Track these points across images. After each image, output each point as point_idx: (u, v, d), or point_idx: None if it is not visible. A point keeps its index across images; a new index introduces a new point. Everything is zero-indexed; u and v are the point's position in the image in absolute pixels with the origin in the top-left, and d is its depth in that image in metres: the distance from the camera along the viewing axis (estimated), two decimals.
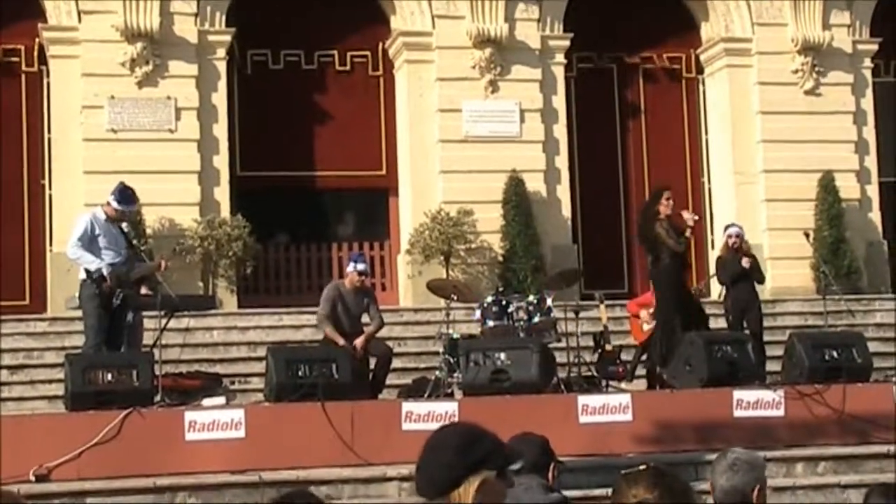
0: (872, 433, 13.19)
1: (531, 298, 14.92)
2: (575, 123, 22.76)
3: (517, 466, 3.88)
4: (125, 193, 13.27)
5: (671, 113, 23.60)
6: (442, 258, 20.80)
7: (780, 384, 13.86)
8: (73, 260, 13.15)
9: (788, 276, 20.99)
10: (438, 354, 14.84)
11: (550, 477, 7.03)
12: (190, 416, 12.23)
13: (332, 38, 22.23)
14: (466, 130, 21.61)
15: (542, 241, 21.31)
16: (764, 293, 16.81)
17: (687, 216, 14.59)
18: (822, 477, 12.55)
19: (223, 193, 20.99)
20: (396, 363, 15.47)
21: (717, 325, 17.20)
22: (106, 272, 12.76)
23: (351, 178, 22.21)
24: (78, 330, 15.03)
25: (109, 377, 12.33)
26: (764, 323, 15.91)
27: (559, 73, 22.35)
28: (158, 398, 12.70)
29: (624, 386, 15.24)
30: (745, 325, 15.57)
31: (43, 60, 21.20)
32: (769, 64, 22.72)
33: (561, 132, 22.22)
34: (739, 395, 13.24)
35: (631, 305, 16.31)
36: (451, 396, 13.69)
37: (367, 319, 14.87)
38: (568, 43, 22.31)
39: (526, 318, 14.55)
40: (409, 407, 12.73)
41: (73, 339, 16.68)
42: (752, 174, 22.53)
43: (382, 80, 22.48)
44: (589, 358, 15.54)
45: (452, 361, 14.03)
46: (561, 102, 22.29)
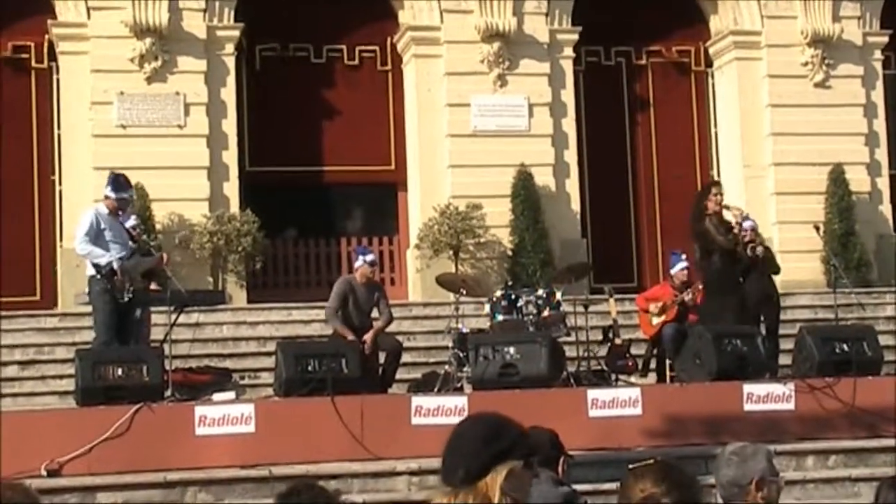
0: (883, 426, 13.16)
1: (540, 293, 14.90)
2: (583, 117, 22.74)
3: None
4: (118, 181, 13.26)
5: (680, 106, 23.57)
6: (451, 253, 20.80)
7: (790, 378, 13.85)
8: (82, 256, 13.08)
9: (798, 269, 20.94)
10: (447, 349, 14.83)
11: (560, 471, 7.03)
12: (200, 410, 12.24)
13: (340, 33, 22.23)
14: (475, 125, 21.60)
15: (550, 235, 21.30)
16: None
17: (728, 215, 14.62)
18: (832, 470, 12.54)
19: (232, 189, 21.01)
20: (406, 358, 15.47)
21: None
22: (116, 266, 12.77)
23: (359, 172, 22.21)
24: (88, 325, 15.04)
25: (119, 372, 12.36)
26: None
27: (568, 66, 22.33)
28: (168, 393, 12.72)
29: (633, 380, 15.23)
30: (762, 318, 15.47)
31: (52, 57, 21.22)
32: (779, 57, 22.68)
33: (570, 126, 22.21)
34: (749, 388, 13.23)
35: (639, 300, 16.29)
36: (460, 391, 13.69)
37: (376, 314, 14.89)
38: (576, 37, 22.28)
39: (535, 312, 14.54)
40: (418, 401, 12.73)
41: (83, 334, 16.69)
42: (761, 167, 22.50)
43: (391, 74, 22.49)
44: (598, 352, 15.52)
45: (462, 356, 14.03)
46: (569, 96, 22.27)
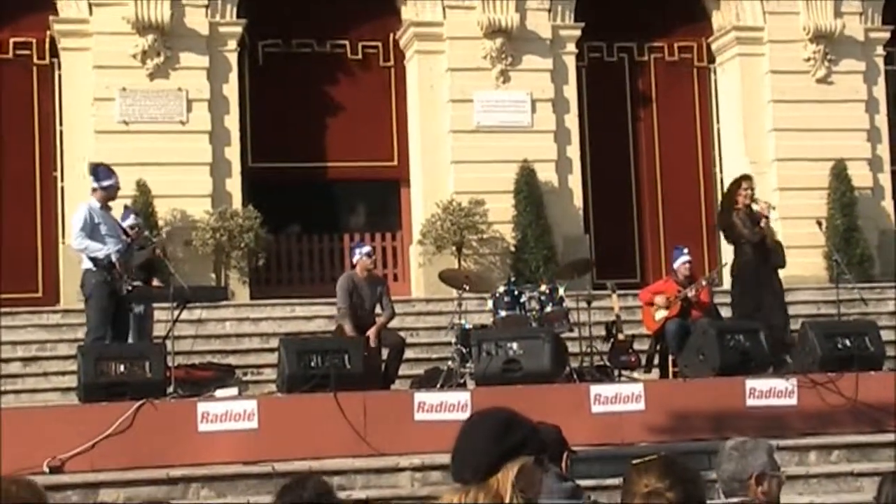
0: (885, 421, 13.15)
1: (543, 288, 14.91)
2: (586, 113, 22.73)
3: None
4: (102, 171, 13.24)
5: (682, 102, 23.55)
6: (454, 249, 20.80)
7: (792, 373, 13.85)
8: (79, 251, 13.07)
9: (801, 264, 20.91)
10: (450, 345, 14.83)
11: (563, 466, 7.05)
12: (203, 407, 12.24)
13: (342, 29, 22.22)
14: (478, 121, 21.59)
15: (553, 231, 21.30)
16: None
17: (756, 207, 14.70)
18: (835, 465, 12.54)
19: (235, 185, 21.01)
20: (408, 353, 15.48)
21: (728, 313, 17.20)
22: (114, 258, 12.77)
23: (362, 168, 22.21)
24: None
25: (122, 369, 12.36)
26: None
27: (570, 62, 22.32)
28: (171, 389, 12.73)
29: (636, 375, 15.24)
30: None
31: (54, 53, 21.22)
32: (781, 52, 22.67)
33: (572, 122, 22.20)
34: (752, 384, 13.23)
35: (644, 294, 16.27)
36: (463, 386, 13.69)
37: (379, 310, 14.89)
38: (579, 33, 22.28)
39: (538, 307, 14.55)
40: (421, 397, 12.73)
41: (85, 331, 16.69)
42: (764, 163, 22.47)
43: (394, 70, 22.48)
44: (601, 347, 15.52)
45: (465, 351, 14.03)
46: (572, 92, 22.26)
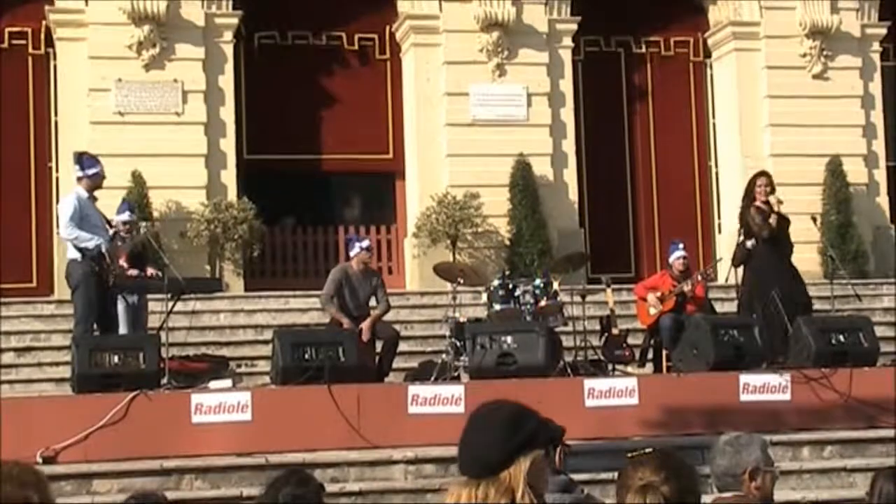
0: (879, 417, 13.17)
1: (538, 282, 14.91)
2: (582, 107, 22.73)
3: None
4: (87, 160, 13.18)
5: (678, 97, 23.55)
6: (448, 242, 20.80)
7: (786, 368, 13.86)
8: (70, 240, 12.93)
9: (795, 260, 20.85)
10: (445, 338, 14.83)
11: (557, 460, 7.04)
12: (196, 398, 12.25)
13: (339, 21, 22.19)
14: (473, 114, 21.59)
15: (548, 225, 21.30)
16: None
17: (772, 199, 14.78)
18: (828, 461, 12.55)
19: (230, 176, 21.00)
20: (403, 346, 15.48)
21: (722, 308, 17.22)
22: (104, 249, 12.74)
23: (358, 161, 22.20)
24: None
25: (116, 360, 12.36)
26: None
27: (566, 56, 22.31)
28: (165, 381, 12.73)
29: (630, 370, 15.25)
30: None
31: (50, 43, 21.19)
32: (777, 48, 22.67)
33: (568, 116, 22.19)
34: (746, 379, 13.24)
35: (638, 289, 16.29)
36: (457, 380, 13.70)
37: (373, 303, 14.89)
38: (575, 27, 22.26)
39: (532, 301, 14.55)
40: (415, 390, 12.74)
41: (74, 322, 16.69)
42: (759, 158, 22.44)
43: (389, 63, 22.46)
44: (595, 342, 15.53)
45: (459, 345, 14.04)
46: (568, 86, 22.26)
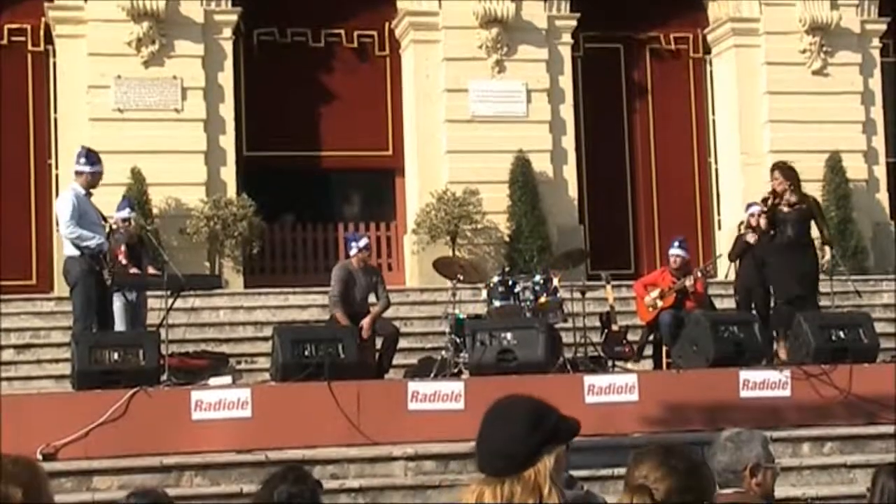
0: (879, 413, 13.19)
1: (537, 279, 14.91)
2: (581, 104, 22.72)
3: None
4: (92, 156, 13.06)
5: (678, 93, 23.54)
6: (448, 238, 20.79)
7: (786, 364, 13.86)
8: (71, 239, 12.72)
9: None
10: (444, 334, 14.84)
11: None
12: (196, 395, 12.25)
13: (338, 18, 22.17)
14: (473, 110, 21.57)
15: (548, 221, 21.29)
16: None
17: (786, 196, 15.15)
18: (828, 457, 12.56)
19: (229, 173, 20.99)
20: (402, 343, 15.48)
21: (722, 305, 17.22)
22: (104, 249, 12.71)
23: (357, 158, 22.18)
24: None
25: (116, 356, 12.36)
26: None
27: (566, 53, 22.29)
28: (165, 377, 12.73)
29: (630, 366, 15.25)
30: (752, 304, 15.55)
31: (49, 40, 21.17)
32: (777, 44, 22.65)
33: (567, 112, 22.18)
34: (746, 375, 13.25)
35: (637, 286, 16.29)
36: (457, 376, 13.70)
37: (373, 299, 14.90)
38: (574, 23, 22.24)
39: (532, 298, 14.54)
40: (415, 387, 12.75)
41: (72, 319, 16.69)
42: (759, 154, 22.46)
43: (389, 60, 22.44)
44: (595, 338, 15.53)
45: (458, 341, 14.04)
46: (567, 82, 22.24)
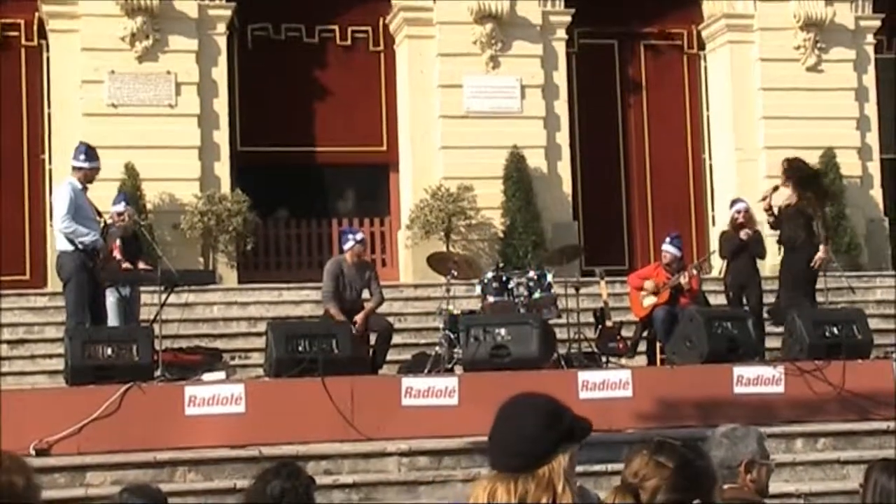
0: (872, 410, 13.20)
1: (531, 274, 14.92)
2: (576, 99, 22.70)
3: None
4: (91, 151, 13.07)
5: (672, 89, 23.54)
6: (442, 234, 20.78)
7: (780, 360, 13.87)
8: (66, 234, 12.66)
9: None
10: (438, 330, 14.83)
11: None
12: (190, 391, 12.24)
13: (332, 13, 22.16)
14: (467, 106, 21.56)
15: (542, 217, 21.28)
16: (764, 269, 16.79)
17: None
18: (821, 453, 12.57)
19: (223, 168, 20.97)
20: (396, 339, 15.47)
21: (716, 301, 17.21)
22: (99, 245, 12.69)
23: (351, 153, 22.17)
24: None
25: (109, 352, 12.35)
26: (764, 299, 15.89)
27: (560, 48, 22.29)
28: (158, 373, 12.71)
29: (624, 362, 15.25)
30: (745, 301, 15.57)
31: (42, 35, 21.14)
32: (771, 40, 22.65)
33: (562, 108, 22.17)
34: (739, 371, 13.26)
35: (632, 278, 16.27)
36: (451, 372, 13.70)
37: (367, 295, 14.88)
38: (569, 19, 22.24)
39: (526, 293, 14.55)
40: (408, 382, 12.75)
41: (66, 315, 16.67)
42: (753, 151, 22.48)
43: (383, 55, 22.42)
44: (589, 334, 15.53)
45: (453, 337, 14.04)
46: (562, 78, 22.23)
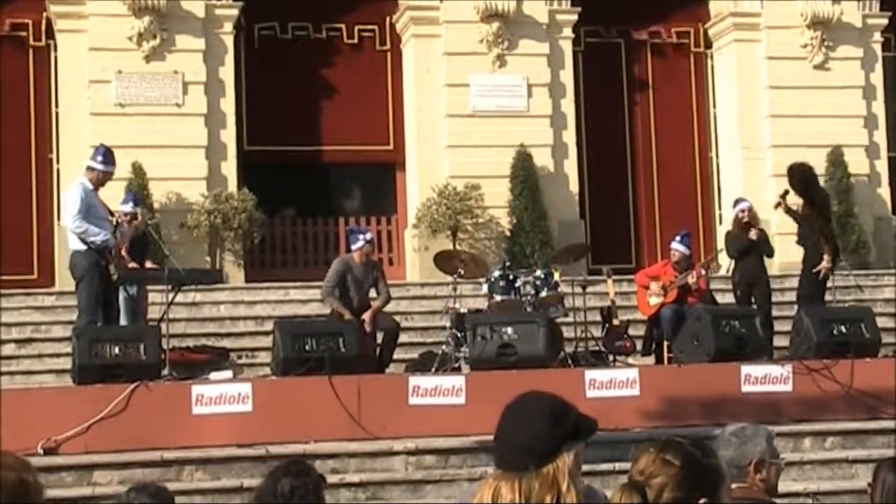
0: (880, 408, 13.19)
1: (538, 273, 14.91)
2: (582, 98, 22.69)
3: None
4: (110, 155, 13.09)
5: (679, 87, 23.51)
6: (449, 233, 20.78)
7: (787, 359, 13.86)
8: (78, 233, 12.69)
9: (796, 250, 20.87)
10: (445, 329, 14.83)
11: None
12: (197, 389, 12.25)
13: (339, 12, 22.16)
14: (474, 105, 21.55)
15: (549, 215, 21.27)
16: (772, 268, 16.82)
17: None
18: (829, 452, 12.56)
19: (230, 168, 20.98)
20: (403, 337, 15.47)
21: (724, 299, 17.20)
22: (110, 244, 12.71)
23: (358, 152, 22.17)
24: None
25: (116, 351, 12.36)
26: (772, 298, 15.91)
27: (567, 47, 22.27)
28: (165, 372, 12.73)
29: (631, 361, 15.24)
30: (753, 299, 15.58)
31: (50, 35, 21.15)
32: (778, 38, 22.62)
33: (568, 107, 22.16)
34: (747, 370, 13.25)
35: (639, 276, 16.26)
36: (457, 371, 13.70)
37: (373, 294, 14.88)
38: (575, 17, 22.22)
39: (533, 292, 14.54)
40: (415, 381, 12.75)
41: (77, 313, 16.68)
42: (759, 149, 22.45)
43: (390, 54, 22.42)
44: (596, 333, 15.52)
45: (459, 336, 14.04)
46: (568, 77, 22.22)
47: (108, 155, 13.09)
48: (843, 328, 13.90)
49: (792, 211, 16.05)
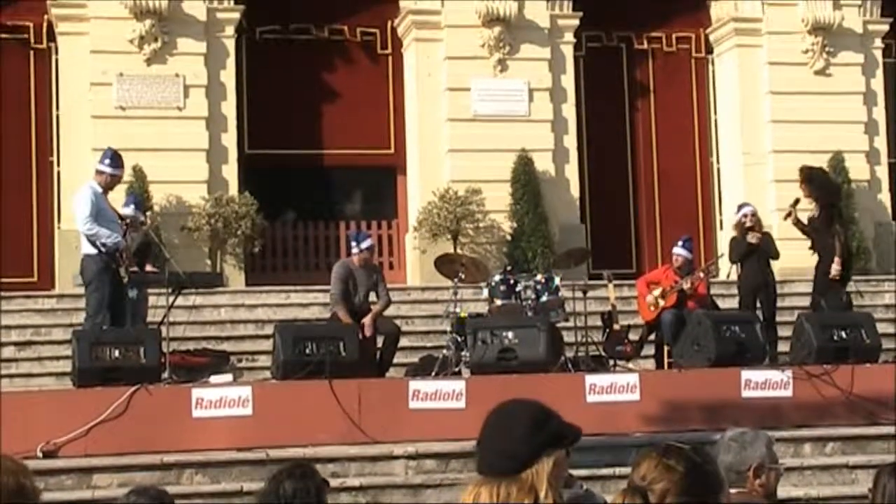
0: (881, 414, 13.18)
1: (539, 277, 14.90)
2: (584, 103, 22.69)
3: None
4: (118, 158, 13.14)
5: (680, 93, 23.52)
6: (450, 237, 20.78)
7: (788, 364, 13.86)
8: (89, 236, 12.68)
9: (797, 256, 20.77)
10: (446, 333, 14.82)
11: None
12: (197, 393, 12.25)
13: (340, 16, 22.17)
14: (475, 109, 21.55)
15: (550, 220, 21.28)
16: (777, 273, 16.82)
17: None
18: (829, 457, 12.55)
19: (231, 171, 20.98)
20: (404, 342, 15.46)
21: (725, 304, 17.20)
22: (121, 247, 12.70)
23: (359, 156, 22.18)
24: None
25: (117, 354, 12.36)
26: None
27: (568, 52, 22.28)
28: (166, 375, 12.72)
29: (631, 365, 15.23)
30: (758, 304, 15.58)
31: (52, 37, 21.16)
32: (779, 44, 22.63)
33: (570, 111, 22.17)
34: (747, 375, 13.24)
35: (640, 283, 16.25)
36: (458, 375, 13.68)
37: (373, 298, 14.87)
38: (577, 22, 22.23)
39: (534, 296, 14.53)
40: (416, 385, 12.75)
41: (80, 315, 16.53)
42: (761, 155, 22.46)
43: (391, 58, 22.43)
44: (597, 337, 15.52)
45: (460, 340, 14.03)
46: (570, 81, 22.23)
47: (115, 158, 13.14)
48: (843, 333, 13.90)
49: (801, 223, 16.02)
